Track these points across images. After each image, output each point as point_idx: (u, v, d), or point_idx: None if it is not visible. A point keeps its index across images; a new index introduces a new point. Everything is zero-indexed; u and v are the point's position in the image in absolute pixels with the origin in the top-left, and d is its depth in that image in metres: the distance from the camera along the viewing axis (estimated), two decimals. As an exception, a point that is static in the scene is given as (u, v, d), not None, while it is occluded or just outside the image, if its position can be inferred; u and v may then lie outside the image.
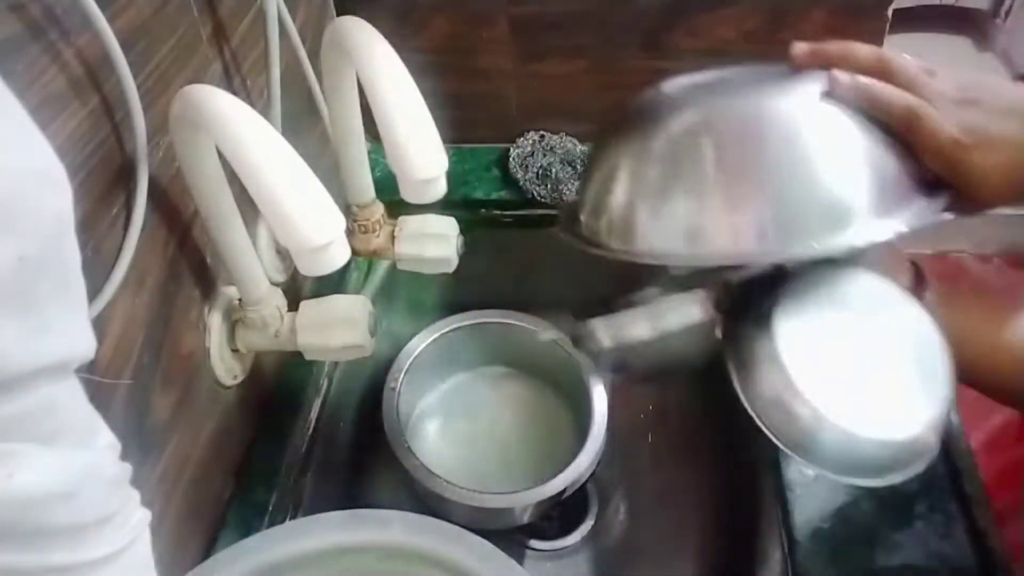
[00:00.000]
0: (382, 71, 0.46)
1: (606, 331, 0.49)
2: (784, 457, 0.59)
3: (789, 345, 0.42)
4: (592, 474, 0.74)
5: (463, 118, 0.87)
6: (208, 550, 0.57)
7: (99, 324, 0.43)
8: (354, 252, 0.60)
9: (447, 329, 0.84)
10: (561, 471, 0.72)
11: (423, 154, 0.44)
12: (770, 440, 0.42)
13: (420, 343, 0.83)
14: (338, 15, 0.81)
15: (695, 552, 0.78)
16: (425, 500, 0.75)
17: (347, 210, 0.68)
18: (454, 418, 0.87)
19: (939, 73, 0.44)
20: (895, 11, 0.79)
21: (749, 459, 0.70)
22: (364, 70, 0.46)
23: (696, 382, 0.91)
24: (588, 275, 0.91)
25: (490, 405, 0.88)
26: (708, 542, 0.78)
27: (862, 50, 0.44)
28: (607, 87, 0.85)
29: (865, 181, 0.41)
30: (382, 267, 0.84)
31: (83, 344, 0.27)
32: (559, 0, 0.79)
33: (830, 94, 0.43)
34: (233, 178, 0.43)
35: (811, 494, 0.57)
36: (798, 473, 0.58)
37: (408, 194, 0.46)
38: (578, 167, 0.85)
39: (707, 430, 0.86)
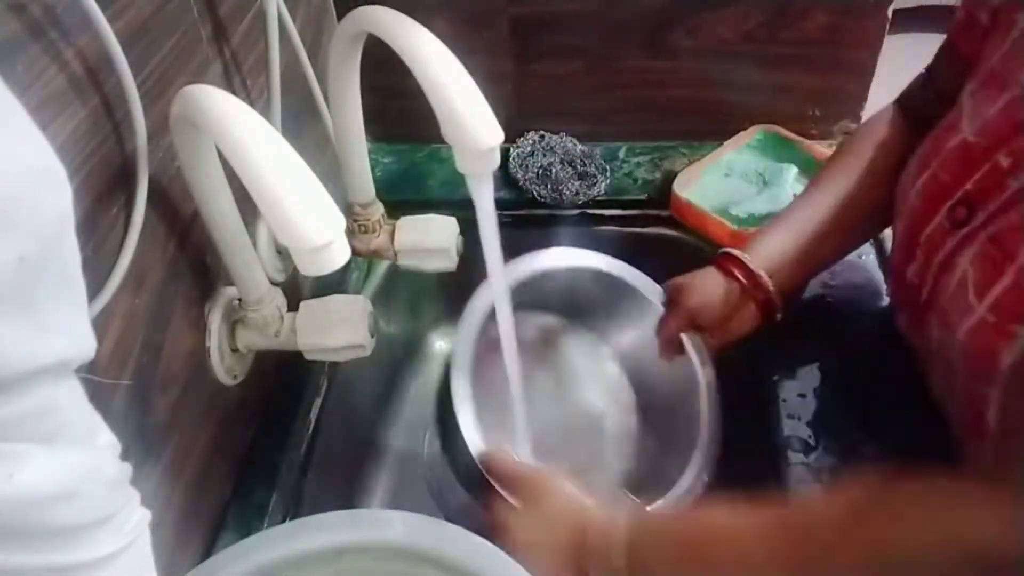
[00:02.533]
0: (425, 47, 0.46)
1: None
2: (784, 456, 0.59)
3: None
4: (592, 474, 0.74)
5: (463, 118, 0.87)
6: (208, 550, 0.57)
7: (99, 324, 0.43)
8: (354, 252, 0.60)
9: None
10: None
11: (482, 123, 0.45)
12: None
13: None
14: (338, 15, 0.81)
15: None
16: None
17: (347, 210, 0.68)
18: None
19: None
20: (895, 12, 0.79)
21: (749, 459, 0.70)
22: (406, 51, 0.47)
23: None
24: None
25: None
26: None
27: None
28: (607, 87, 0.85)
29: None
30: (382, 267, 0.84)
31: (83, 344, 0.27)
32: (559, 0, 0.79)
33: None
34: (233, 178, 0.43)
35: (811, 494, 0.57)
36: (798, 473, 0.58)
37: (466, 166, 0.47)
38: (578, 167, 0.85)
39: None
